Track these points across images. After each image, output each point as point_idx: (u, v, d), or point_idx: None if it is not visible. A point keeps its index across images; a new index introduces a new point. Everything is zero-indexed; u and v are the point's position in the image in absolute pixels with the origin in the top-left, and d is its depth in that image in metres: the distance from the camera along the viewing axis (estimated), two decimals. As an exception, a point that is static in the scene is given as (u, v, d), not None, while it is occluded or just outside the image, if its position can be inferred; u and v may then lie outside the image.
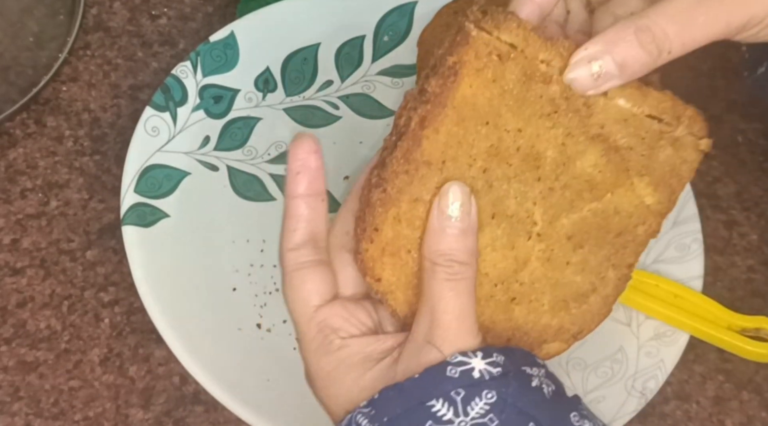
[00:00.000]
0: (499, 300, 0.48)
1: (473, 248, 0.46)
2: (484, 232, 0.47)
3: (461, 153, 0.45)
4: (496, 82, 0.45)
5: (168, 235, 0.65)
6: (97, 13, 0.77)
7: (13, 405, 0.63)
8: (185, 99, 0.69)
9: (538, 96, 0.46)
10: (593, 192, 0.48)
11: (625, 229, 0.49)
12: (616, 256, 0.49)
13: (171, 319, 0.62)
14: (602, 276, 0.49)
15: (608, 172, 0.47)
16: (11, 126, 0.71)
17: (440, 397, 0.43)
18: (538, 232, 0.47)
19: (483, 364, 0.44)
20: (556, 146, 0.46)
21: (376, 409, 0.44)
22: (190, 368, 0.60)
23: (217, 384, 0.60)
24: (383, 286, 0.47)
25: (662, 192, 0.49)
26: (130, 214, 0.64)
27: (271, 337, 0.64)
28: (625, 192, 0.48)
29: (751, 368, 0.69)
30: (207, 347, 0.61)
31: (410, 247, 0.46)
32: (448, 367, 0.44)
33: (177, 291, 0.63)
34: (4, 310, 0.66)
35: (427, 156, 0.45)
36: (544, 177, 0.47)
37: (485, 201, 0.46)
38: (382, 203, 0.46)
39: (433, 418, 0.43)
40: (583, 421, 0.46)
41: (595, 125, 0.47)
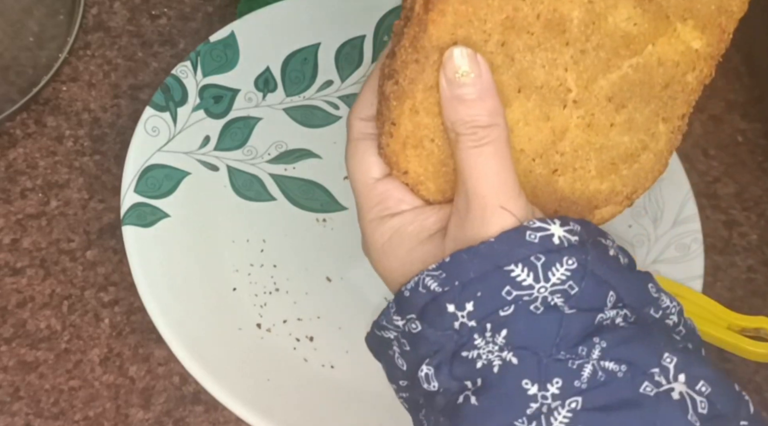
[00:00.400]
0: (540, 174, 0.46)
1: (494, 108, 0.43)
2: (513, 107, 0.44)
3: (473, 30, 0.42)
4: None
5: (168, 235, 0.65)
6: (97, 13, 0.77)
7: (13, 405, 0.63)
8: (185, 99, 0.69)
9: None
10: (631, 47, 0.44)
11: (673, 80, 0.46)
12: (666, 109, 0.46)
13: (171, 319, 0.62)
14: (652, 132, 0.47)
15: (646, 22, 0.44)
16: (11, 126, 0.71)
17: (519, 261, 0.42)
18: (573, 98, 0.45)
19: (562, 231, 0.43)
20: (581, 5, 0.43)
21: (447, 272, 0.43)
22: (190, 368, 0.60)
23: (217, 384, 0.60)
24: (411, 179, 0.46)
25: (711, 33, 0.45)
26: (130, 214, 0.64)
27: (271, 337, 0.64)
28: (668, 40, 0.45)
29: (751, 368, 0.69)
30: (207, 347, 0.61)
31: (433, 135, 0.45)
32: (527, 231, 0.43)
33: (177, 291, 0.63)
34: (4, 310, 0.66)
35: (435, 40, 0.42)
36: (573, 40, 0.43)
37: (508, 75, 0.44)
38: (396, 96, 0.44)
39: (511, 283, 0.42)
40: (660, 293, 0.45)
41: None
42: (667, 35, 0.45)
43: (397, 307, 0.45)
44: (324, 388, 0.63)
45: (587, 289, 0.42)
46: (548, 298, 0.42)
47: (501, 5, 0.42)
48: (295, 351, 0.64)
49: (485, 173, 0.43)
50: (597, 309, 0.43)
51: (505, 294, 0.42)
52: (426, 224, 0.46)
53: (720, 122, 0.78)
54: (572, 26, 0.43)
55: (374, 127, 0.47)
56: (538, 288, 0.42)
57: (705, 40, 0.45)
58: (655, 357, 0.42)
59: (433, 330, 0.43)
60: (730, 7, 0.45)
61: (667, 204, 0.70)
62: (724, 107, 0.79)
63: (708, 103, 0.79)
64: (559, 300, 0.42)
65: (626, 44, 0.44)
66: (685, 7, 0.44)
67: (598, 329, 0.42)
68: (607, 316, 0.43)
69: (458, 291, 0.42)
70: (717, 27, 0.45)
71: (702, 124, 0.78)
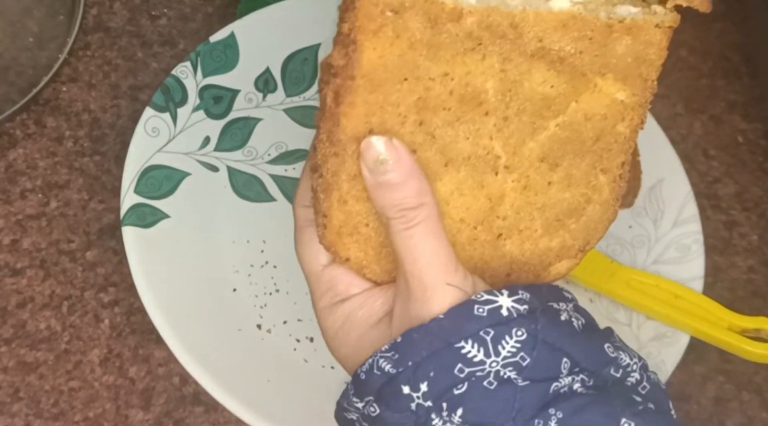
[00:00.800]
0: (485, 240, 0.46)
1: (419, 188, 0.44)
2: (444, 180, 0.45)
3: (388, 116, 0.43)
4: (401, 37, 0.42)
5: (168, 236, 0.65)
6: (96, 13, 0.77)
7: (13, 406, 0.63)
8: (185, 99, 0.69)
9: (453, 35, 0.42)
10: (553, 108, 0.45)
11: (603, 132, 0.46)
12: (603, 161, 0.46)
13: (171, 319, 0.61)
14: (593, 184, 0.47)
15: (563, 83, 0.44)
16: (11, 126, 0.71)
17: (469, 337, 0.42)
18: (504, 164, 0.45)
19: (510, 302, 0.43)
20: (494, 75, 0.43)
21: (400, 352, 0.43)
22: (190, 369, 0.60)
23: (217, 384, 0.60)
24: (354, 265, 0.46)
25: (633, 84, 0.45)
26: (130, 215, 0.64)
27: (271, 338, 0.64)
28: (591, 96, 0.45)
29: (752, 369, 0.69)
30: (207, 348, 0.61)
31: (366, 220, 0.45)
32: (474, 305, 0.43)
33: (177, 291, 0.63)
34: (3, 311, 0.66)
35: (350, 132, 0.43)
36: (493, 109, 0.44)
37: (432, 151, 0.44)
38: (322, 189, 0.45)
39: (462, 360, 0.42)
40: (618, 352, 0.45)
41: (531, 42, 0.43)
42: (589, 91, 0.45)
43: (355, 390, 0.45)
44: (324, 389, 0.63)
45: (539, 358, 0.42)
46: (501, 371, 0.42)
47: (411, 87, 0.42)
48: (296, 352, 0.64)
49: (420, 254, 0.44)
50: (552, 378, 0.43)
51: (458, 372, 0.42)
52: (375, 307, 0.46)
53: (720, 123, 0.78)
54: (489, 97, 0.44)
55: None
56: (490, 363, 0.42)
57: (629, 91, 0.45)
58: (614, 423, 0.42)
59: (390, 412, 0.43)
60: (647, 56, 0.45)
61: (668, 205, 0.70)
62: (724, 108, 0.79)
63: (708, 103, 0.79)
64: (512, 373, 0.42)
65: (547, 106, 0.44)
66: (600, 64, 0.44)
67: (555, 399, 0.42)
68: (563, 383, 0.43)
69: (412, 371, 0.43)
70: (639, 77, 0.45)
71: (702, 124, 0.78)
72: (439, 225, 0.44)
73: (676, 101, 0.78)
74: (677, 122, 0.77)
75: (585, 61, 0.44)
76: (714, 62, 0.81)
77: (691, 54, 0.81)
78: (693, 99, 0.79)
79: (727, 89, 0.79)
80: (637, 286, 0.66)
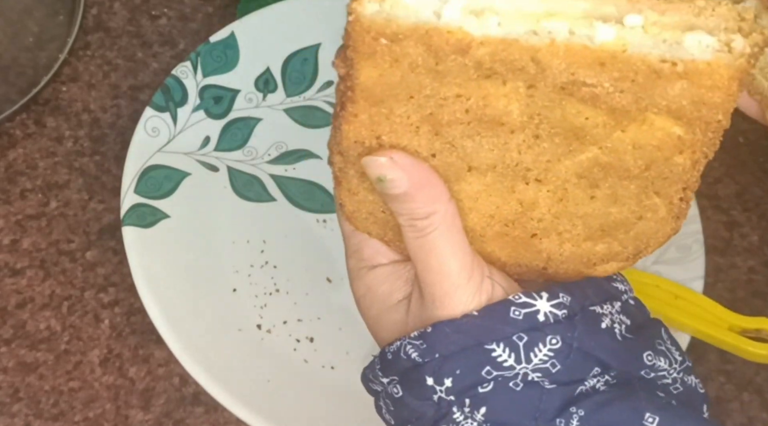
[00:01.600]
0: (517, 236, 0.43)
1: (431, 197, 0.41)
2: (469, 180, 0.42)
3: (398, 126, 0.40)
4: (399, 61, 0.37)
5: (168, 236, 0.65)
6: (97, 13, 0.77)
7: (13, 406, 0.63)
8: (185, 99, 0.69)
9: (461, 65, 0.37)
10: (590, 137, 0.39)
11: (655, 162, 0.40)
12: (656, 185, 0.42)
13: (171, 319, 0.61)
14: (645, 204, 0.42)
15: (602, 115, 0.39)
16: (11, 126, 0.71)
17: (501, 340, 0.41)
18: (536, 177, 0.41)
19: (548, 307, 0.41)
20: (519, 100, 0.38)
21: (428, 343, 0.42)
22: (190, 369, 0.60)
23: (217, 385, 0.60)
24: (377, 240, 0.46)
25: (693, 124, 0.39)
26: (130, 215, 0.64)
27: (271, 338, 0.64)
28: (639, 127, 0.39)
29: (752, 369, 0.68)
30: (207, 348, 0.61)
31: (382, 207, 0.44)
32: (511, 307, 0.41)
33: (177, 291, 0.63)
34: (3, 311, 0.66)
35: (353, 137, 0.41)
36: (521, 127, 0.39)
37: (453, 158, 0.41)
38: (337, 181, 0.44)
39: (492, 363, 0.41)
40: (657, 358, 0.44)
41: (560, 75, 0.37)
42: (637, 123, 0.39)
43: (381, 366, 0.45)
44: (324, 389, 0.63)
45: (571, 365, 0.41)
46: (529, 375, 0.41)
47: (421, 103, 0.39)
48: (296, 352, 0.64)
49: (430, 264, 0.42)
50: (579, 380, 0.42)
51: (485, 373, 0.41)
52: (397, 285, 0.45)
53: (721, 123, 0.78)
54: (513, 118, 0.39)
55: None
56: (519, 369, 0.41)
57: (686, 129, 0.39)
58: (637, 418, 0.41)
59: (412, 398, 0.43)
60: (710, 100, 0.38)
61: (668, 205, 0.70)
62: (724, 108, 0.79)
63: (709, 103, 0.79)
64: (539, 377, 0.41)
65: (583, 135, 0.40)
66: (647, 103, 0.38)
67: (577, 398, 0.42)
68: (588, 384, 0.42)
69: (438, 364, 0.42)
70: (698, 119, 0.39)
71: (703, 124, 0.78)
72: (451, 233, 0.42)
73: (677, 101, 0.78)
74: (677, 122, 0.77)
75: (627, 101, 0.38)
76: (714, 62, 0.81)
77: (692, 54, 0.81)
78: (693, 99, 0.79)
79: (727, 89, 0.79)
80: (636, 287, 0.66)
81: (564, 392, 0.42)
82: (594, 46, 0.36)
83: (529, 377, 0.41)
